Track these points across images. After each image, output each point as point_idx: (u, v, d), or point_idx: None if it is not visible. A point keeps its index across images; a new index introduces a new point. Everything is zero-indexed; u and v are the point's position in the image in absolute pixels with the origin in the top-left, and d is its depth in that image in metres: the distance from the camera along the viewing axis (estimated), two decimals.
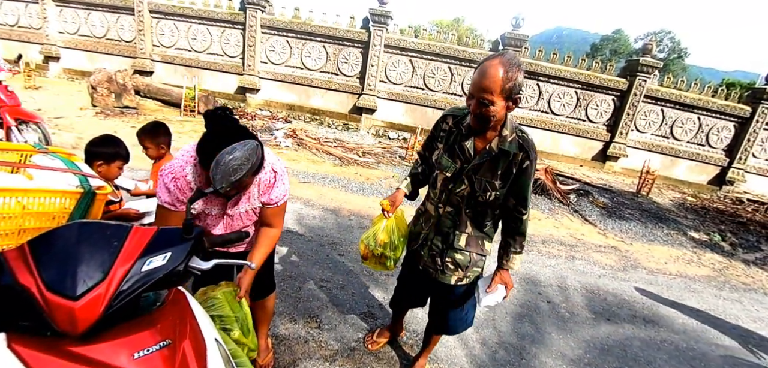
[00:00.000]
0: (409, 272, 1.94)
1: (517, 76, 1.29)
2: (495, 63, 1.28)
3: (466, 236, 1.61)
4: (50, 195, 1.25)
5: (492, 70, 1.28)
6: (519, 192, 1.49)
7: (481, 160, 1.46)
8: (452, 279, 1.69)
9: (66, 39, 10.20)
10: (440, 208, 1.62)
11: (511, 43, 8.64)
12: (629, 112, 8.87)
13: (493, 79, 1.27)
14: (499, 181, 1.46)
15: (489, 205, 1.53)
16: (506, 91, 1.30)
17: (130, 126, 6.64)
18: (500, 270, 1.66)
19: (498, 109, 1.32)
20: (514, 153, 1.42)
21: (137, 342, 0.79)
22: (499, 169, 1.45)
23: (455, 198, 1.56)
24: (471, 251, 1.63)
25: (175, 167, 1.31)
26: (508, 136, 1.43)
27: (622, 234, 5.25)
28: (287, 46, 9.47)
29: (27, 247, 0.78)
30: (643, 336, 2.93)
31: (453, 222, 1.60)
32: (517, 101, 1.35)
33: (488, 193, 1.48)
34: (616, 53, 39.98)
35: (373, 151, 7.54)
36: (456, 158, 1.53)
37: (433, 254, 1.70)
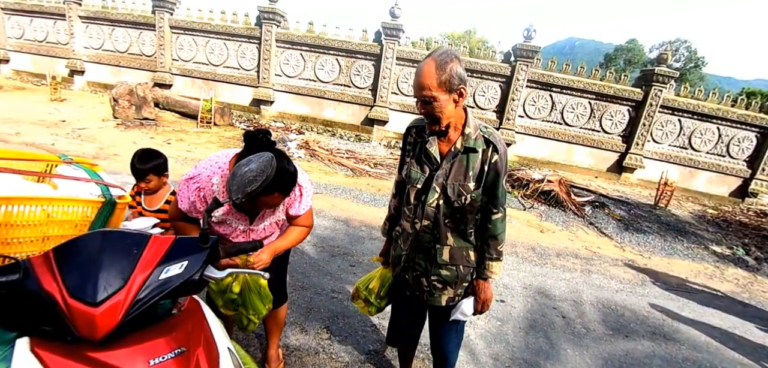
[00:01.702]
0: (398, 301, 1.82)
1: (451, 67, 1.27)
2: (428, 60, 1.29)
3: (448, 249, 1.50)
4: (73, 204, 1.30)
5: (425, 67, 1.28)
6: (490, 188, 1.42)
7: (449, 162, 1.41)
8: (443, 299, 1.56)
9: (90, 53, 10.62)
10: (417, 224, 1.51)
11: (523, 55, 8.62)
12: (645, 122, 8.71)
13: (426, 75, 1.27)
14: (472, 183, 1.40)
15: (467, 211, 1.44)
16: (443, 83, 1.27)
17: (149, 137, 6.84)
18: (476, 280, 1.56)
19: (442, 103, 1.30)
20: (483, 149, 1.39)
21: (153, 350, 0.81)
22: (470, 170, 1.39)
23: (430, 210, 1.46)
24: (457, 265, 1.52)
25: (202, 177, 1.34)
26: (473, 134, 1.39)
27: (640, 247, 5.11)
28: (301, 59, 9.65)
29: (52, 254, 0.81)
30: (662, 353, 2.83)
31: (432, 236, 1.49)
32: (461, 93, 1.31)
33: (463, 197, 1.40)
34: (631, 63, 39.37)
35: (385, 162, 7.57)
36: (423, 167, 1.48)
37: (416, 275, 1.58)
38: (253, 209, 1.44)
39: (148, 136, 6.86)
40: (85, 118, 7.54)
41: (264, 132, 1.26)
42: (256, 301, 1.56)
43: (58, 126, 6.77)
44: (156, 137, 6.92)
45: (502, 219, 1.47)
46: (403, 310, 1.80)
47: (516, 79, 8.82)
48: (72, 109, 8.19)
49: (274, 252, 1.52)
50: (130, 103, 7.72)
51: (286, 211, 1.55)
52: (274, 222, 1.55)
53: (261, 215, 1.49)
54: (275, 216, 1.53)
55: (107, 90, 9.36)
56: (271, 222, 1.54)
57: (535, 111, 9.20)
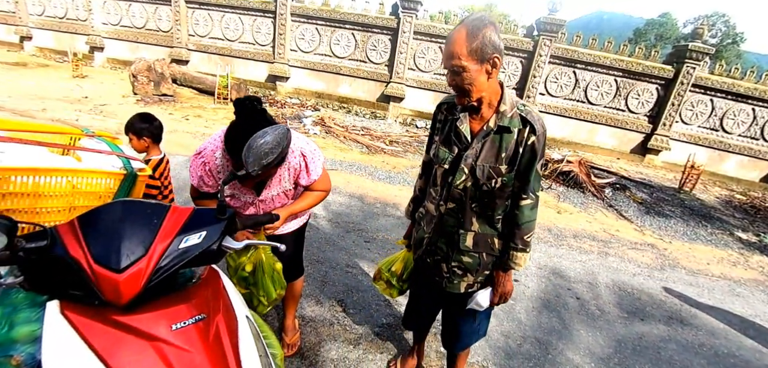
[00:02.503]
0: (417, 285, 1.80)
1: (484, 33, 1.16)
2: (459, 27, 1.20)
3: (472, 235, 1.42)
4: (97, 176, 1.34)
5: (455, 34, 1.19)
6: (523, 172, 1.31)
7: (480, 141, 1.31)
8: (462, 286, 1.51)
9: (109, 30, 10.77)
10: (441, 206, 1.43)
11: (547, 29, 8.28)
12: (674, 101, 8.32)
13: (456, 42, 1.18)
14: (505, 165, 1.30)
15: (496, 196, 1.35)
16: (474, 51, 1.18)
17: (168, 113, 6.96)
18: (495, 270, 1.48)
19: (472, 74, 1.20)
20: (519, 129, 1.28)
21: (175, 315, 0.84)
22: (503, 151, 1.29)
23: (457, 192, 1.38)
24: (480, 252, 1.44)
25: (207, 152, 1.39)
26: (508, 111, 1.28)
27: (661, 231, 4.98)
28: (316, 33, 9.55)
29: (77, 222, 0.84)
30: (679, 338, 2.79)
31: (457, 220, 1.42)
32: (495, 63, 1.20)
33: (493, 180, 1.31)
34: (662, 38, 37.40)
35: (400, 139, 7.51)
36: (452, 146, 1.38)
37: (437, 260, 1.52)
38: (259, 181, 1.46)
39: (167, 112, 6.98)
40: (106, 94, 7.72)
41: (253, 98, 1.26)
42: (268, 284, 1.55)
43: (81, 102, 6.95)
44: (174, 113, 7.04)
45: (533, 207, 1.35)
46: (421, 294, 1.77)
47: (538, 54, 8.52)
48: (93, 86, 8.39)
49: (290, 213, 1.55)
50: (149, 79, 7.84)
51: (296, 182, 1.56)
52: (282, 192, 1.56)
53: (267, 186, 1.50)
54: (281, 187, 1.54)
55: (126, 66, 9.52)
56: (278, 193, 1.55)
57: (557, 88, 8.90)
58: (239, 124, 1.24)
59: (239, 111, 1.24)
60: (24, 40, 11.49)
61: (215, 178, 1.40)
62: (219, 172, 1.39)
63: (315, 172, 1.55)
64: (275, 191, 1.53)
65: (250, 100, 1.24)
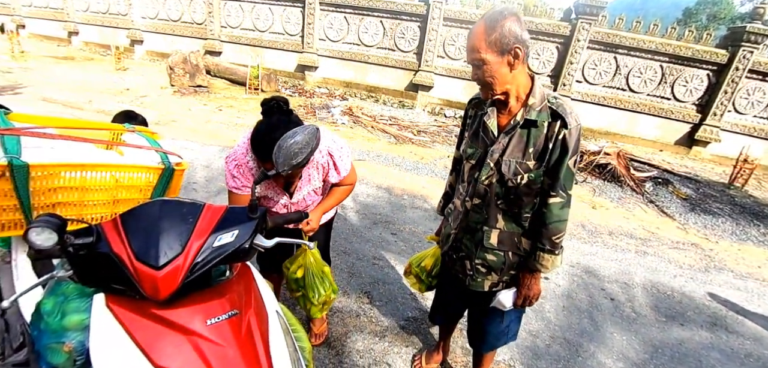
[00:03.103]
0: (444, 281, 1.79)
1: (503, 24, 1.14)
2: (478, 21, 1.19)
3: (497, 232, 1.39)
4: (138, 171, 1.41)
5: (475, 28, 1.19)
6: (553, 168, 1.25)
7: (507, 136, 1.28)
8: (486, 284, 1.48)
9: (147, 24, 11.25)
10: (467, 202, 1.42)
11: (586, 12, 7.84)
12: (728, 89, 7.69)
13: (476, 36, 1.18)
14: (533, 161, 1.26)
15: (523, 193, 1.30)
16: (494, 42, 1.15)
17: (203, 103, 7.22)
18: (521, 270, 1.43)
19: (492, 67, 1.18)
20: (548, 123, 1.23)
21: (210, 310, 0.88)
22: (531, 146, 1.25)
23: (482, 188, 1.36)
24: (505, 250, 1.40)
25: (238, 155, 1.43)
26: (537, 105, 1.24)
27: (707, 230, 4.66)
28: (345, 22, 9.54)
29: (119, 220, 0.88)
30: (723, 346, 2.62)
31: (482, 216, 1.40)
32: (516, 54, 1.16)
33: (519, 176, 1.27)
34: (716, 19, 34.45)
35: (428, 129, 7.43)
36: (479, 141, 1.38)
37: (461, 257, 1.51)
38: (288, 180, 1.50)
39: (201, 103, 7.25)
40: (145, 86, 8.11)
41: (280, 99, 1.29)
42: (317, 286, 1.65)
43: (123, 94, 7.35)
44: (209, 104, 7.29)
45: (563, 206, 1.28)
46: (447, 290, 1.77)
47: (576, 39, 8.09)
48: (134, 78, 8.83)
49: (322, 213, 1.62)
50: (185, 71, 8.14)
51: (324, 180, 1.59)
52: (312, 190, 1.60)
53: (298, 187, 1.54)
54: (312, 185, 1.57)
55: (164, 58, 9.93)
56: (309, 192, 1.59)
57: (595, 75, 8.45)
58: (266, 125, 1.27)
59: (266, 112, 1.27)
60: (71, 35, 12.24)
61: (249, 177, 1.44)
62: (252, 173, 1.43)
63: (344, 169, 1.57)
64: (306, 190, 1.57)
65: (276, 101, 1.27)
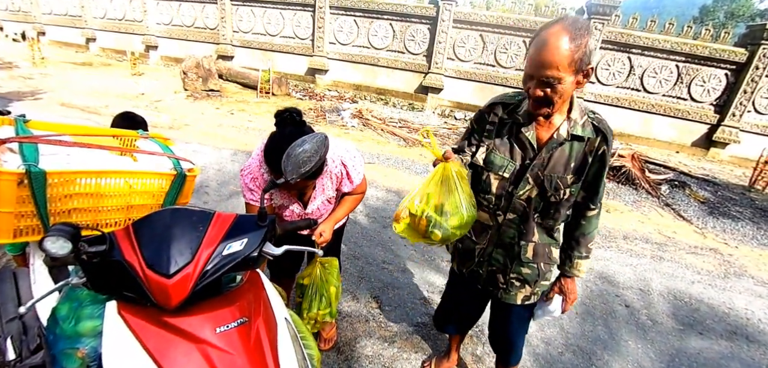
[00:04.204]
0: (457, 291, 1.71)
1: (586, 42, 1.04)
2: (556, 30, 1.04)
3: (533, 246, 1.36)
4: (151, 177, 1.43)
5: (554, 40, 1.04)
6: (592, 183, 1.26)
7: (550, 151, 1.23)
8: (519, 297, 1.46)
9: (162, 29, 11.48)
10: (499, 216, 1.36)
11: (599, 11, 7.71)
12: (747, 88, 7.47)
13: (556, 51, 1.03)
14: (572, 175, 1.23)
15: (562, 206, 1.29)
16: (575, 62, 1.04)
17: (215, 107, 7.33)
18: (562, 279, 1.43)
19: (566, 86, 1.08)
20: (590, 138, 1.20)
21: (219, 318, 0.88)
22: (572, 161, 1.22)
23: (519, 204, 1.30)
24: (538, 262, 1.39)
25: (253, 167, 1.45)
26: (579, 119, 1.20)
27: (726, 235, 4.52)
28: (354, 25, 9.58)
29: (131, 229, 0.90)
30: (744, 357, 2.53)
31: (518, 231, 1.35)
32: (588, 74, 1.09)
33: (561, 192, 1.24)
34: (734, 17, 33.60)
35: (438, 131, 7.40)
36: (514, 154, 1.29)
37: (492, 270, 1.45)
38: (301, 190, 1.51)
39: (213, 107, 7.35)
40: (160, 91, 8.27)
41: (293, 110, 1.30)
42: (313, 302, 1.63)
43: (138, 98, 7.50)
44: (221, 108, 7.39)
45: (598, 216, 1.33)
46: (461, 301, 1.71)
47: None
48: (149, 82, 9.01)
49: (334, 223, 1.63)
50: (198, 75, 8.28)
51: (338, 190, 1.60)
52: (326, 200, 1.61)
53: (312, 197, 1.55)
54: (326, 195, 1.58)
55: (178, 63, 10.12)
56: (323, 202, 1.60)
57: (608, 76, 8.31)
58: (279, 136, 1.28)
59: (279, 123, 1.30)
60: (89, 42, 12.57)
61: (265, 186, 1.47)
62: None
63: (357, 178, 1.58)
64: (320, 200, 1.58)
65: (289, 113, 1.29)
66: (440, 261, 3.06)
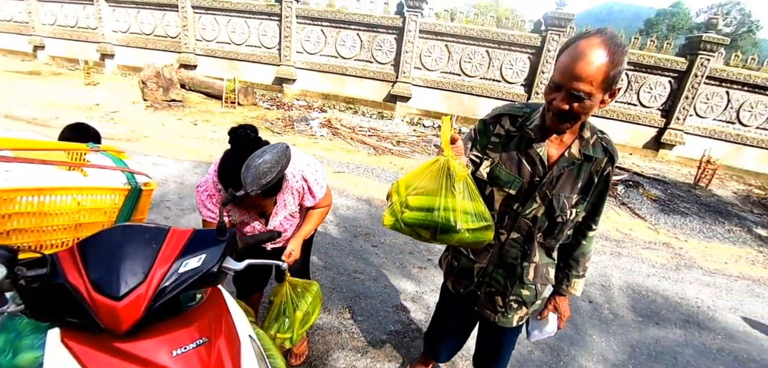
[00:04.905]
0: (452, 310, 1.63)
1: (622, 61, 0.98)
2: (596, 42, 0.96)
3: (534, 266, 1.31)
4: (103, 193, 1.34)
5: (593, 53, 0.95)
6: (595, 203, 1.25)
7: (560, 170, 1.17)
8: (514, 319, 1.40)
9: (119, 37, 10.94)
10: (502, 235, 1.29)
11: (555, 23, 8.15)
12: (688, 94, 8.12)
13: (594, 65, 0.95)
14: (577, 195, 1.20)
15: (566, 226, 1.25)
16: (608, 80, 0.98)
17: (177, 118, 7.03)
18: (557, 297, 1.41)
19: (594, 103, 1.02)
20: (598, 158, 1.17)
21: (176, 340, 0.83)
22: (580, 181, 1.19)
23: (524, 223, 1.25)
24: (537, 283, 1.35)
25: (209, 184, 1.39)
26: (591, 138, 1.17)
27: (676, 229, 4.86)
28: (322, 35, 9.55)
29: (76, 249, 0.83)
30: (696, 343, 2.71)
31: (522, 251, 1.29)
32: (614, 94, 1.04)
33: (567, 211, 1.20)
34: (675, 29, 36.56)
35: (408, 139, 7.48)
36: (522, 171, 1.21)
37: (491, 291, 1.38)
38: (262, 208, 1.45)
39: (175, 118, 7.06)
40: (117, 101, 7.84)
41: (248, 127, 1.24)
42: (272, 324, 1.53)
43: (93, 109, 7.07)
44: (183, 118, 7.11)
45: (595, 235, 1.34)
46: (454, 323, 1.66)
47: (546, 50, 8.38)
48: (104, 93, 8.52)
49: (302, 240, 1.59)
50: (158, 85, 7.93)
51: (300, 205, 1.56)
52: (289, 215, 1.56)
53: (274, 213, 1.50)
54: (287, 210, 1.53)
55: (136, 72, 9.65)
56: (285, 217, 1.55)
57: None
58: (233, 154, 1.23)
59: (233, 140, 1.23)
60: (37, 50, 11.75)
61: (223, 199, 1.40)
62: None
63: (319, 193, 1.54)
64: (282, 216, 1.53)
65: (244, 129, 1.23)
66: (412, 267, 3.07)
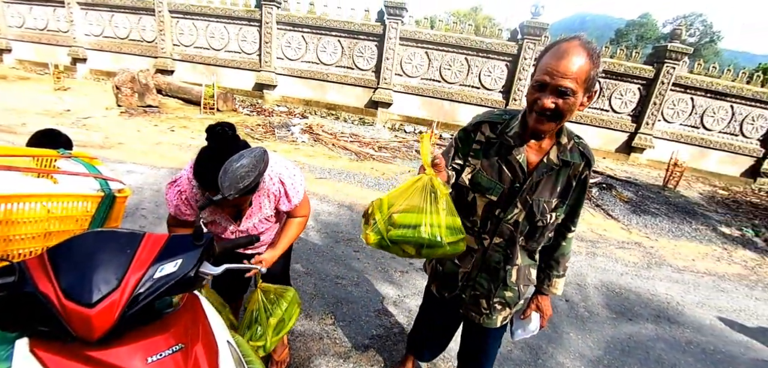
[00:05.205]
0: (436, 313, 1.65)
1: (599, 64, 1.07)
2: (577, 44, 1.03)
3: (516, 268, 1.35)
4: (74, 200, 1.30)
5: (574, 51, 1.02)
6: (574, 206, 1.29)
7: (540, 176, 1.21)
8: (498, 320, 1.44)
9: (92, 41, 10.59)
10: (485, 240, 1.32)
11: (531, 33, 8.41)
12: (656, 101, 8.52)
13: (578, 64, 1.02)
14: (557, 199, 1.24)
15: (547, 230, 1.29)
16: (589, 80, 1.05)
17: (153, 124, 6.85)
18: (539, 296, 1.45)
19: (576, 102, 1.07)
20: (575, 163, 1.21)
21: (151, 347, 0.82)
22: (558, 185, 1.22)
23: (506, 228, 1.27)
24: (519, 284, 1.38)
25: (182, 180, 1.36)
26: (568, 143, 1.21)
27: (647, 229, 5.07)
28: (303, 41, 9.53)
29: (46, 256, 0.81)
30: (667, 337, 2.83)
31: (504, 255, 1.32)
32: (591, 97, 1.10)
33: (547, 216, 1.24)
34: (643, 39, 38.32)
35: (389, 145, 7.52)
36: (502, 177, 1.24)
37: (476, 295, 1.41)
38: (237, 208, 1.42)
39: (151, 124, 6.87)
40: (89, 107, 7.57)
41: (225, 124, 1.23)
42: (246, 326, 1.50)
43: (63, 115, 6.81)
44: (160, 124, 6.93)
45: (574, 236, 1.37)
46: (438, 325, 1.68)
47: (523, 57, 8.63)
48: (76, 98, 8.22)
49: (274, 258, 1.52)
50: (133, 90, 7.71)
51: (276, 208, 1.51)
52: (264, 218, 1.51)
53: (248, 215, 1.47)
54: (262, 213, 1.49)
55: (110, 77, 9.36)
56: (260, 220, 1.51)
57: None
58: (210, 151, 1.21)
59: (211, 137, 1.21)
60: (3, 53, 11.22)
61: (192, 206, 1.36)
62: (196, 200, 1.35)
63: (295, 197, 1.49)
64: (257, 218, 1.49)
65: (221, 127, 1.21)
66: (393, 272, 3.09)
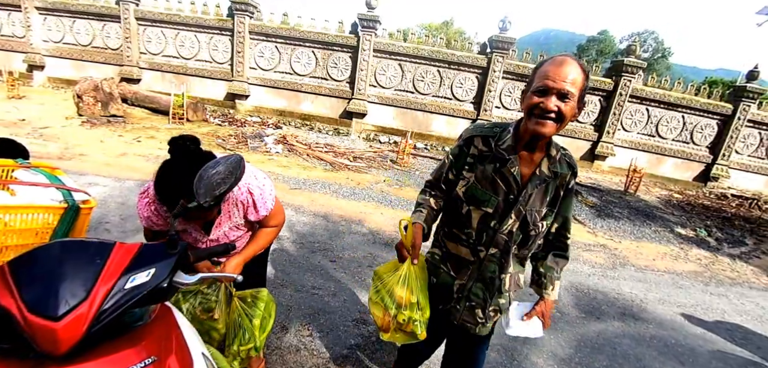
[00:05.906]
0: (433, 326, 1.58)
1: (588, 80, 1.15)
2: (571, 58, 1.11)
3: (509, 276, 1.39)
4: (33, 212, 1.23)
5: (572, 63, 1.10)
6: (564, 214, 1.35)
7: (534, 187, 1.25)
8: (490, 326, 1.48)
9: (50, 47, 10.04)
10: (481, 252, 1.34)
11: (499, 46, 8.74)
12: (615, 111, 9.03)
13: (575, 72, 1.09)
14: (546, 208, 1.29)
15: (538, 237, 1.33)
16: (583, 90, 1.12)
17: (118, 134, 6.55)
18: (544, 301, 1.44)
19: (572, 110, 1.13)
20: (563, 173, 1.27)
21: (122, 361, 0.79)
22: (548, 195, 1.28)
23: (501, 238, 1.30)
24: (511, 290, 1.43)
25: (150, 192, 1.32)
26: (556, 155, 1.27)
27: (611, 232, 5.33)
28: (276, 51, 9.45)
29: (7, 268, 0.76)
30: (632, 333, 2.98)
31: (499, 265, 1.35)
32: (581, 109, 1.16)
33: (539, 224, 1.29)
34: (602, 54, 40.68)
35: (364, 155, 7.54)
36: (496, 189, 1.27)
37: (471, 305, 1.42)
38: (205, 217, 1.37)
39: (116, 134, 6.57)
40: (47, 116, 7.14)
41: (189, 138, 1.20)
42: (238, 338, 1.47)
43: (18, 125, 6.39)
44: (125, 135, 6.64)
45: (570, 240, 1.42)
46: (428, 337, 1.65)
47: (492, 70, 8.95)
48: (32, 107, 7.74)
49: (244, 261, 1.48)
50: (96, 99, 7.35)
51: (245, 217, 1.48)
52: (233, 226, 1.47)
53: (217, 224, 1.43)
54: (232, 222, 1.46)
55: (70, 86, 8.89)
56: (230, 227, 1.47)
57: (511, 102, 9.38)
58: (171, 165, 1.17)
59: (173, 150, 1.18)
60: None
61: (164, 217, 1.32)
62: (166, 210, 1.31)
63: (263, 208, 1.46)
64: (226, 227, 1.46)
65: (183, 140, 1.18)
66: (370, 281, 3.08)
